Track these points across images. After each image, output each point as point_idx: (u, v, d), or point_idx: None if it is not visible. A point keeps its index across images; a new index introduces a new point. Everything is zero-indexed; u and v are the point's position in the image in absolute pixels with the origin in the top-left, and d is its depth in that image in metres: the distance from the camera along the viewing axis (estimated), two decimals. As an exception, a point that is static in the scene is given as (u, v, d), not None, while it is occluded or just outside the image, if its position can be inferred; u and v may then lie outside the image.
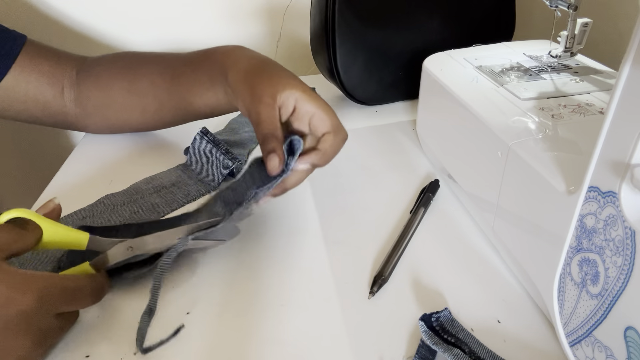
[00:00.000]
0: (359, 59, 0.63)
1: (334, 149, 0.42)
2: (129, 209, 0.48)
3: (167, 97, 0.52)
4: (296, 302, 0.38)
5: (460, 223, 0.46)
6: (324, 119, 0.41)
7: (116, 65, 0.55)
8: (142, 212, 0.48)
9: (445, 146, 0.50)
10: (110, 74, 0.54)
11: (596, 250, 0.28)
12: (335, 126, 0.41)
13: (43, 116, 0.56)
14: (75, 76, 0.55)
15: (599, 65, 0.47)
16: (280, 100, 0.40)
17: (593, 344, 0.28)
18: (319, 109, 0.41)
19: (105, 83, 0.54)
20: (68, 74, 0.55)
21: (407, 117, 0.66)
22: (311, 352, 0.34)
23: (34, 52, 0.53)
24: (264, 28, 0.81)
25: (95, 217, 0.47)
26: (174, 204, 0.49)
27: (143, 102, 0.54)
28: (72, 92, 0.55)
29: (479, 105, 0.42)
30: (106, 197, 0.50)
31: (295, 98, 0.41)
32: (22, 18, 0.75)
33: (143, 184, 0.52)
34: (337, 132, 0.41)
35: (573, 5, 0.44)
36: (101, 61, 0.56)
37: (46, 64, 0.53)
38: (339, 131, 0.42)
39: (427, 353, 0.33)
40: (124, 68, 0.54)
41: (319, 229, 0.46)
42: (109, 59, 0.56)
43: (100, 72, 0.54)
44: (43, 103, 0.54)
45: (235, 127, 0.64)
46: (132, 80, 0.53)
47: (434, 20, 0.64)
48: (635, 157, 0.25)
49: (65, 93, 0.55)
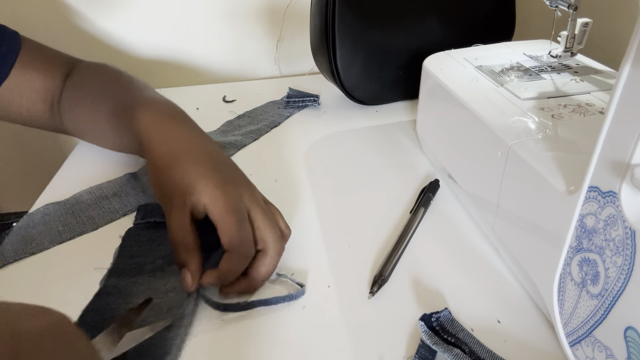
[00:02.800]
0: (359, 59, 0.63)
1: (233, 269, 0.36)
2: (64, 220, 0.47)
3: (118, 139, 0.51)
4: (296, 302, 0.38)
5: (460, 223, 0.46)
6: (223, 235, 0.36)
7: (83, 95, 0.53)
8: (77, 225, 0.47)
9: (445, 146, 0.50)
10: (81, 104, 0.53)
11: (596, 250, 0.28)
12: (235, 245, 0.36)
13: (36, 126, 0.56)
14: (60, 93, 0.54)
15: (599, 65, 0.47)
16: (190, 205, 0.37)
17: (593, 344, 0.28)
18: (221, 223, 0.36)
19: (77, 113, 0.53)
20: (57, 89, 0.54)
21: (407, 117, 0.66)
22: (311, 352, 0.34)
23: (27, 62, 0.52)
24: (264, 28, 0.81)
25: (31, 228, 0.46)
26: (109, 216, 0.48)
27: (105, 136, 0.54)
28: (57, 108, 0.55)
29: (479, 105, 0.42)
30: (45, 207, 0.49)
31: (203, 205, 0.37)
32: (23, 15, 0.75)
33: (85, 193, 0.51)
34: (236, 253, 0.36)
35: (573, 5, 0.44)
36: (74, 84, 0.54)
37: (39, 80, 0.53)
38: (238, 251, 0.36)
39: (427, 353, 0.33)
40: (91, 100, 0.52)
41: (319, 229, 0.46)
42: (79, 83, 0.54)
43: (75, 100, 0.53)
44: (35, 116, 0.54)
45: (226, 130, 0.64)
46: (95, 115, 0.52)
47: (434, 20, 0.64)
48: (635, 157, 0.25)
49: (54, 108, 0.55)
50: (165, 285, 0.39)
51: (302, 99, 0.70)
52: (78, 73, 0.55)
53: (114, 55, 0.80)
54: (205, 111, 0.70)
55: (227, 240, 0.36)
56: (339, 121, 0.65)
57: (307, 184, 0.53)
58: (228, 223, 0.36)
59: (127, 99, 0.49)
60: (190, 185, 0.37)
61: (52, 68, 0.54)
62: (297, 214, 0.48)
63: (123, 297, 0.38)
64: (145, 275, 0.40)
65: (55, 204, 0.49)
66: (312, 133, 0.63)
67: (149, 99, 0.48)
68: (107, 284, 0.39)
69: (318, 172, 0.55)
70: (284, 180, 0.54)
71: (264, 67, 0.85)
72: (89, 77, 0.54)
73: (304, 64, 0.86)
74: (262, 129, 0.64)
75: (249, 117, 0.67)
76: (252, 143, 0.61)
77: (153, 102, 0.47)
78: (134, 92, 0.50)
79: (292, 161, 0.57)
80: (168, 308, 0.37)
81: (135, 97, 0.49)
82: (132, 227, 0.46)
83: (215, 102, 0.73)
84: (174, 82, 0.83)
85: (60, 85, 0.54)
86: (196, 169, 0.38)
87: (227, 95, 0.74)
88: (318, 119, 0.67)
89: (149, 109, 0.46)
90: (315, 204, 0.49)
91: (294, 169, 0.55)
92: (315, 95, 0.70)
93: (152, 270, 0.40)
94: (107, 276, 0.40)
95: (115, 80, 0.53)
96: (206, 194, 0.37)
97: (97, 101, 0.52)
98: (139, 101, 0.48)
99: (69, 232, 0.46)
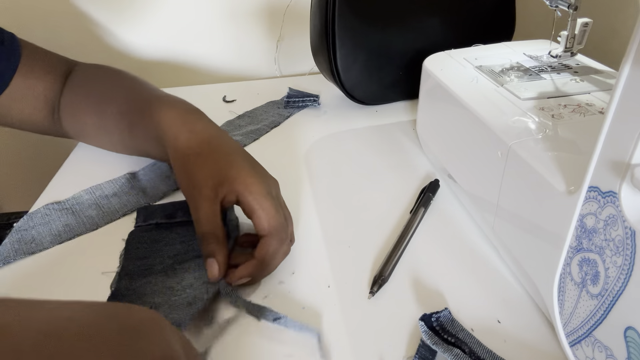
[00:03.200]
0: (359, 59, 0.63)
1: (273, 256, 0.37)
2: (64, 220, 0.47)
3: (128, 140, 0.51)
4: (296, 302, 0.38)
5: (460, 223, 0.46)
6: (262, 219, 0.37)
7: (87, 98, 0.53)
8: (77, 225, 0.47)
9: (445, 146, 0.50)
10: (84, 107, 0.53)
11: (596, 250, 0.28)
12: (275, 229, 0.37)
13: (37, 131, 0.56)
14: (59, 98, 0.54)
15: (599, 65, 0.47)
16: (222, 194, 0.37)
17: (593, 344, 0.28)
18: (258, 207, 0.37)
19: (80, 117, 0.53)
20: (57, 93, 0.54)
21: (407, 117, 0.66)
22: (311, 352, 0.34)
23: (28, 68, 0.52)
24: (264, 28, 0.81)
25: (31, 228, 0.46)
26: (109, 216, 0.48)
27: (111, 138, 0.53)
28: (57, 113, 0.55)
29: (479, 105, 0.42)
30: (45, 207, 0.49)
31: (236, 194, 0.37)
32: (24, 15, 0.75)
33: (85, 193, 0.51)
34: (274, 237, 0.37)
35: (573, 5, 0.44)
36: (76, 88, 0.54)
37: (40, 86, 0.52)
38: (276, 235, 0.37)
39: (427, 353, 0.33)
40: (95, 103, 0.52)
41: (319, 229, 0.46)
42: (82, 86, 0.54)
43: (76, 104, 0.53)
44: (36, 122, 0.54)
45: (226, 130, 0.64)
46: (101, 117, 0.52)
47: (434, 20, 0.64)
48: (635, 157, 0.25)
49: (54, 113, 0.55)
50: (181, 283, 0.39)
51: (302, 99, 0.70)
52: (78, 76, 0.54)
53: (114, 55, 0.80)
54: (205, 111, 0.69)
55: (266, 224, 0.37)
56: (339, 121, 0.65)
57: (307, 184, 0.53)
58: (266, 207, 0.37)
59: (137, 98, 0.49)
60: (223, 174, 0.38)
61: (53, 73, 0.54)
62: (297, 214, 0.48)
63: (138, 297, 0.38)
64: (157, 275, 0.40)
65: (55, 204, 0.49)
66: (312, 133, 0.63)
67: (163, 97, 0.48)
68: (119, 287, 0.39)
69: (318, 172, 0.55)
70: (284, 180, 0.53)
71: (264, 67, 0.85)
72: (91, 79, 0.54)
73: (304, 64, 0.86)
74: (262, 129, 0.64)
75: (249, 117, 0.67)
76: (252, 143, 0.61)
77: (169, 99, 0.47)
78: (143, 91, 0.50)
79: (292, 161, 0.57)
80: (187, 303, 0.37)
81: (148, 96, 0.48)
82: (134, 229, 0.46)
83: (215, 102, 0.73)
84: (174, 82, 0.83)
85: (60, 89, 0.54)
86: (227, 159, 0.39)
87: (227, 95, 0.74)
88: (318, 119, 0.67)
89: (168, 106, 0.45)
90: (315, 203, 0.49)
91: (294, 169, 0.55)
92: (315, 95, 0.70)
93: (163, 270, 0.40)
94: (117, 279, 0.40)
95: (120, 81, 0.53)
96: (240, 182, 0.37)
97: (103, 103, 0.51)
98: (155, 99, 0.47)
99: (69, 232, 0.46)
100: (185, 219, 0.46)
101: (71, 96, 0.53)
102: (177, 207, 0.47)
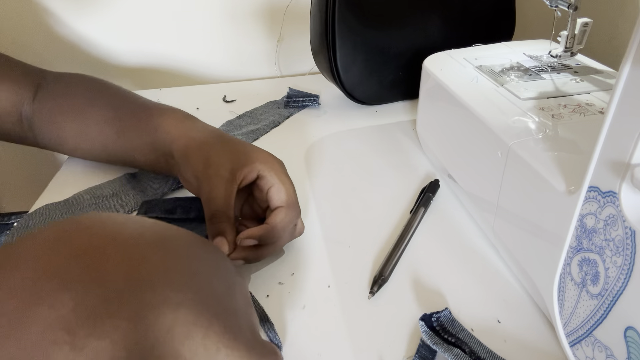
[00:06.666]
0: (359, 59, 0.63)
1: (284, 225, 0.39)
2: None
3: (112, 148, 0.50)
4: (296, 302, 0.38)
5: (460, 223, 0.46)
6: (280, 191, 0.40)
7: (68, 103, 0.51)
8: None
9: (445, 146, 0.50)
10: (62, 112, 0.51)
11: (596, 250, 0.28)
12: (291, 202, 0.40)
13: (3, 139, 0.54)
14: (32, 105, 0.52)
15: (599, 65, 0.47)
16: (242, 176, 0.39)
17: (593, 344, 0.28)
18: (278, 181, 0.40)
19: (59, 124, 0.51)
20: (26, 101, 0.52)
21: (407, 117, 0.66)
22: (311, 352, 0.34)
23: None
24: (264, 28, 0.81)
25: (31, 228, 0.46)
26: None
27: (93, 146, 0.52)
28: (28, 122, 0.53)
29: (479, 105, 0.42)
30: (45, 207, 0.49)
31: (257, 171, 0.40)
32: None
33: (85, 193, 0.51)
34: (290, 209, 0.40)
35: (573, 5, 0.44)
36: (55, 94, 0.52)
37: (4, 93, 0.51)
38: (292, 208, 0.40)
39: (427, 353, 0.33)
40: (75, 108, 0.51)
41: (319, 229, 0.46)
42: (62, 92, 0.52)
43: (53, 109, 0.51)
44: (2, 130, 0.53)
45: (227, 130, 0.64)
46: (82, 123, 0.50)
47: (434, 20, 0.64)
48: (635, 157, 0.25)
49: (23, 122, 0.52)
50: None
51: (302, 99, 0.70)
52: (54, 83, 0.53)
53: (115, 55, 0.80)
54: (205, 111, 0.70)
55: (285, 196, 0.40)
56: (339, 121, 0.65)
57: (307, 184, 0.53)
58: (286, 183, 0.40)
59: (126, 105, 0.49)
60: (242, 158, 0.40)
61: (20, 81, 0.52)
62: (297, 214, 0.48)
63: None
64: None
65: (55, 204, 0.49)
66: (312, 133, 0.63)
67: (157, 104, 0.49)
68: None
69: (318, 172, 0.55)
70: (284, 180, 0.54)
71: (264, 67, 0.85)
72: (71, 86, 0.52)
73: (304, 64, 0.86)
74: (262, 129, 0.64)
75: (249, 117, 0.67)
76: (253, 143, 0.62)
77: (164, 105, 0.49)
78: (131, 98, 0.50)
79: (292, 161, 0.57)
80: None
81: (142, 102, 0.49)
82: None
83: (215, 102, 0.73)
84: (174, 82, 0.83)
85: (29, 98, 0.52)
86: (244, 145, 0.42)
87: (227, 95, 0.74)
88: (318, 119, 0.67)
89: (169, 110, 0.47)
90: (315, 203, 0.49)
91: (294, 169, 0.55)
92: (315, 95, 0.70)
93: None
94: None
95: (102, 88, 0.52)
96: (262, 160, 0.40)
97: (85, 109, 0.50)
98: (151, 105, 0.49)
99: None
100: (183, 216, 0.46)
101: (49, 103, 0.51)
102: (177, 204, 0.47)
